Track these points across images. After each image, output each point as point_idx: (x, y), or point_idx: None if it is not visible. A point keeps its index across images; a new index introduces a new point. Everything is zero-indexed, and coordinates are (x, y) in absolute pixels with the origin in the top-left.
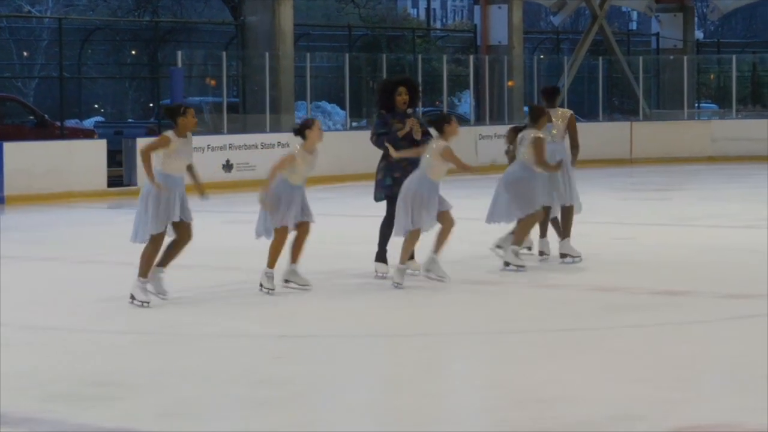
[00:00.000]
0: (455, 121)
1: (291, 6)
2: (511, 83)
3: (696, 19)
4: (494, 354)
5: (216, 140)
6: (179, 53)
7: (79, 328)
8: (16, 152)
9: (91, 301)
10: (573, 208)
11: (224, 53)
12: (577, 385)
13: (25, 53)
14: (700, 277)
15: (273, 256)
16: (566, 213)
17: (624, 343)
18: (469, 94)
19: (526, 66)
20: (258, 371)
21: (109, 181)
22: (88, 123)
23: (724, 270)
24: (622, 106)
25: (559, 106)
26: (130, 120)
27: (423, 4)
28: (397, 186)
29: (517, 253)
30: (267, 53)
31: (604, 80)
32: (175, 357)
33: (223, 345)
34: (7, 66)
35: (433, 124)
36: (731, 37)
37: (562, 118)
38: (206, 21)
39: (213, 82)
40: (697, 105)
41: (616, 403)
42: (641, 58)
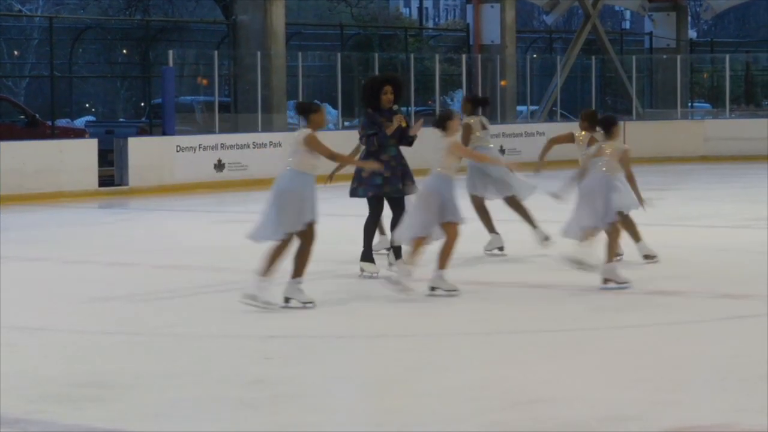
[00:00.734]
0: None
1: (283, 5)
2: (503, 83)
3: (689, 19)
4: (486, 354)
5: (207, 140)
6: (171, 52)
7: (70, 328)
8: (6, 152)
9: (82, 301)
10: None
11: (216, 52)
12: (571, 386)
13: (16, 52)
14: (695, 277)
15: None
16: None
17: (618, 344)
18: (462, 93)
19: (519, 65)
20: (248, 372)
21: (100, 180)
22: (79, 122)
23: (718, 270)
24: (615, 106)
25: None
26: (122, 119)
27: (415, 3)
28: (388, 185)
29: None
30: (259, 52)
31: (597, 80)
32: (165, 358)
33: (213, 345)
34: None
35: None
36: (724, 37)
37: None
38: (198, 20)
39: (205, 82)
40: (690, 104)
41: (610, 404)
42: (634, 58)
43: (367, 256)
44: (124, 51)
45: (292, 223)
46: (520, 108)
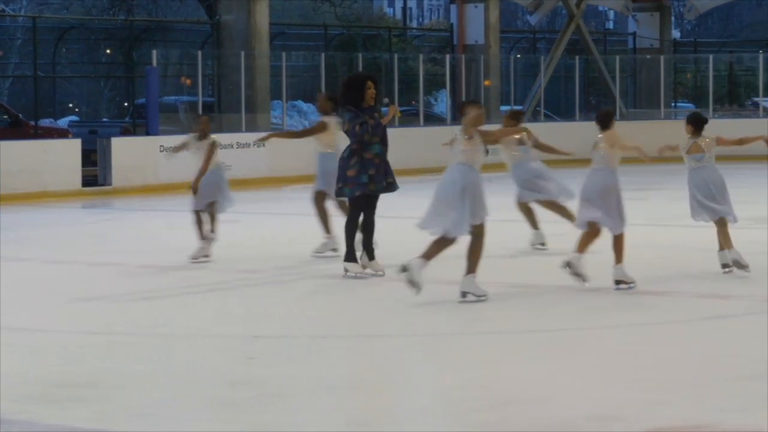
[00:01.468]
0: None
1: (267, 5)
2: (487, 82)
3: (673, 19)
4: (475, 355)
5: None
6: (154, 52)
7: (54, 328)
8: None
9: (65, 301)
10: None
11: (200, 52)
12: (559, 386)
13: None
14: (679, 277)
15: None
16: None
17: (605, 345)
18: (446, 93)
19: (503, 65)
20: (232, 372)
21: (83, 180)
22: (63, 122)
23: (702, 270)
24: (599, 106)
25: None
26: (105, 119)
27: (399, 3)
28: (373, 183)
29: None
30: (242, 52)
31: (581, 80)
32: (148, 358)
33: (197, 345)
34: None
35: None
36: (708, 37)
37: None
38: (181, 20)
39: (188, 82)
40: (673, 104)
41: (597, 403)
42: (618, 58)
43: (351, 256)
44: (108, 51)
45: (478, 217)
46: (503, 108)
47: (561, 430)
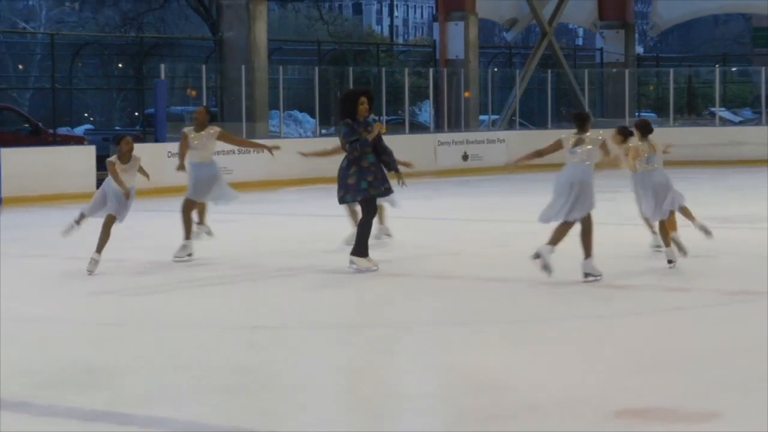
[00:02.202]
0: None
1: (265, 22)
2: (467, 94)
3: (637, 35)
4: (452, 343)
5: None
6: (162, 66)
7: (68, 320)
8: (12, 157)
9: (79, 294)
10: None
11: (204, 66)
12: (529, 372)
13: (20, 66)
14: (641, 272)
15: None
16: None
17: (572, 334)
18: (429, 104)
19: (481, 78)
20: (232, 360)
21: (98, 183)
22: (79, 130)
23: (663, 265)
24: (569, 115)
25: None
26: (117, 128)
27: (386, 21)
28: (372, 188)
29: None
30: (243, 66)
31: (553, 91)
32: (155, 346)
33: (200, 335)
34: (4, 78)
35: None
36: (669, 52)
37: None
38: (187, 36)
39: (194, 93)
40: (637, 114)
41: (565, 389)
42: (587, 71)
43: (363, 252)
44: (120, 65)
45: (585, 208)
46: (482, 117)
47: (535, 414)
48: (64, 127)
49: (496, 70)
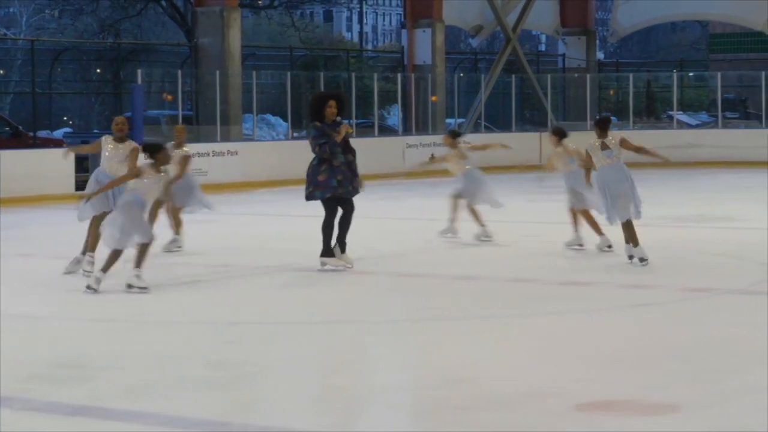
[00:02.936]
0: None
1: (239, 29)
2: (434, 98)
3: (597, 42)
4: (423, 338)
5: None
6: (139, 71)
7: (51, 315)
8: None
9: (63, 292)
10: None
11: (179, 71)
12: (497, 366)
13: (1, 71)
14: (603, 270)
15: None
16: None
17: (538, 330)
18: (398, 107)
19: (448, 83)
20: (211, 354)
21: (76, 185)
22: (58, 134)
23: (623, 263)
24: (533, 119)
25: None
26: (96, 131)
27: (356, 28)
28: (341, 187)
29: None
30: (217, 71)
31: (517, 96)
32: (137, 342)
33: (180, 331)
34: None
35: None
36: (628, 58)
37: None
38: (163, 42)
39: (170, 97)
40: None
41: (531, 382)
42: (549, 76)
43: (328, 252)
44: (98, 70)
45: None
46: (448, 120)
47: (502, 406)
48: (44, 130)
49: (462, 75)
